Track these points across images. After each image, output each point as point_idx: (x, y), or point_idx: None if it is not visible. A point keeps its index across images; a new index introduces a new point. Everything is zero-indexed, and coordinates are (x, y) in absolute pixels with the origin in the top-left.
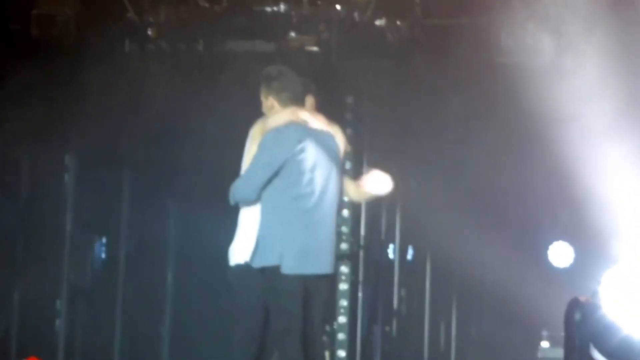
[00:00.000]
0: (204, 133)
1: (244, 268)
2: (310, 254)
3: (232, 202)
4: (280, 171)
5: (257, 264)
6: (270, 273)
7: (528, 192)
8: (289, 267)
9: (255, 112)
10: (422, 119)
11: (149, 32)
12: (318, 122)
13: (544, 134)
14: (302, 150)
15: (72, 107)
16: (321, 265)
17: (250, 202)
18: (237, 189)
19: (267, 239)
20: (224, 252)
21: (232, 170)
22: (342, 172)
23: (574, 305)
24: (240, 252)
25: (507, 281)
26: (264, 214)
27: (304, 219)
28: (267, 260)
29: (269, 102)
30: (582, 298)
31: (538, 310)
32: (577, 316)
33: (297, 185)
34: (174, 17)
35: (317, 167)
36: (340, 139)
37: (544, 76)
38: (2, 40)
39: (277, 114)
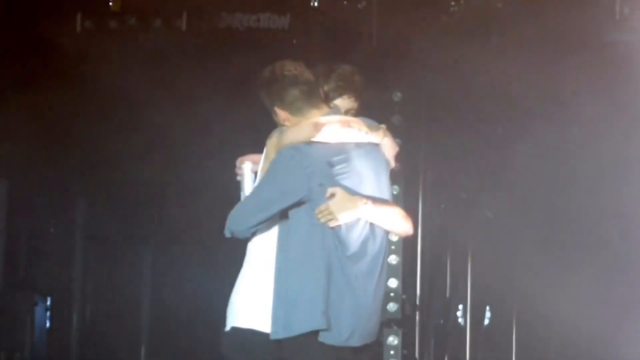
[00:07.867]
0: (187, 142)
1: (247, 334)
2: (360, 317)
3: (227, 233)
4: (309, 204)
5: (287, 333)
6: (294, 344)
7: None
8: (337, 338)
9: (262, 116)
10: (495, 122)
11: (110, 5)
12: (355, 131)
13: None
14: (334, 175)
15: None
16: (368, 333)
17: (243, 238)
18: (231, 218)
19: (302, 296)
20: (215, 312)
21: (228, 197)
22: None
23: None
24: (245, 312)
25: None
26: (290, 264)
27: (348, 269)
28: (305, 326)
29: (278, 114)
30: None
31: None
32: None
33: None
34: None
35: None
36: (387, 147)
37: None
38: None
39: (298, 126)
